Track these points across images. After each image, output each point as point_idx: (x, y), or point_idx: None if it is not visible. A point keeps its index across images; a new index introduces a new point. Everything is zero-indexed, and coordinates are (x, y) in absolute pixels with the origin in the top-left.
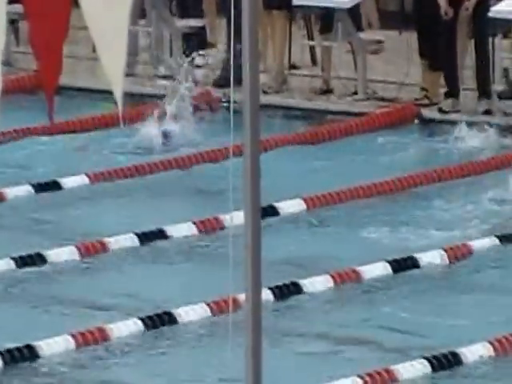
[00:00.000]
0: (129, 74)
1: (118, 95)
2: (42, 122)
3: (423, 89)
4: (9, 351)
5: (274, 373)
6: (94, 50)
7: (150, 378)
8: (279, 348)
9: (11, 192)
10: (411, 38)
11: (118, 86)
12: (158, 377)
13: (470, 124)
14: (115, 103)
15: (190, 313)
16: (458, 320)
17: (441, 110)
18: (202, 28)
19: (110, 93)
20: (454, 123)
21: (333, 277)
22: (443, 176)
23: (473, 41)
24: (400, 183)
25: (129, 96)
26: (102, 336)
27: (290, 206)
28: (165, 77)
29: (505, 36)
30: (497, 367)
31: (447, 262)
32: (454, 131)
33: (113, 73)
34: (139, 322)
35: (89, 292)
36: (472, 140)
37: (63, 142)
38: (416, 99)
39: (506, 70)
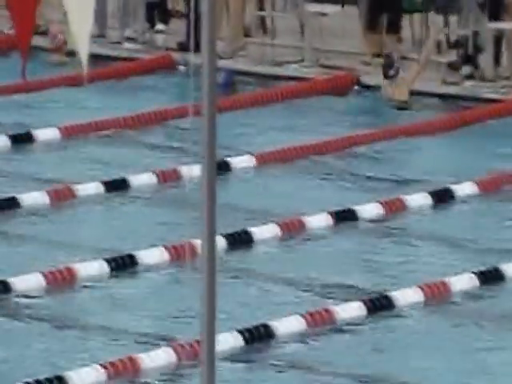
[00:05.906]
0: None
1: (84, 56)
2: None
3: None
4: None
5: (227, 307)
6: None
7: (113, 312)
8: (231, 287)
9: None
10: (352, 12)
11: (84, 48)
12: (121, 310)
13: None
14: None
15: (150, 255)
16: (392, 266)
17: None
18: None
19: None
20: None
21: (279, 225)
22: (377, 137)
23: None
24: (342, 142)
25: (99, 57)
26: (69, 274)
27: (241, 162)
28: (130, 39)
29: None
30: (425, 309)
31: (383, 213)
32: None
33: (79, 36)
34: (104, 263)
35: (58, 234)
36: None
37: (37, 97)
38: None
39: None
